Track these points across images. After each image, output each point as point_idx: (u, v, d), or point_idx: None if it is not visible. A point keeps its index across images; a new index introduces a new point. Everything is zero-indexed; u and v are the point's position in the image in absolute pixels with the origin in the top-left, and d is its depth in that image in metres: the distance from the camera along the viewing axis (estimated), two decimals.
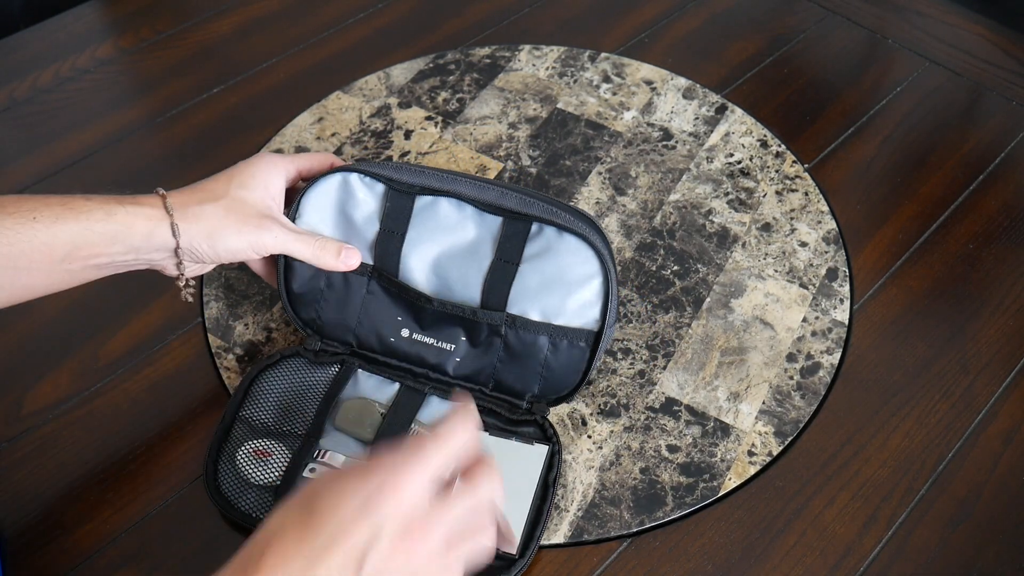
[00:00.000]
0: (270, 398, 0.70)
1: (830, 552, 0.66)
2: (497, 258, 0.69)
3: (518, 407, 0.71)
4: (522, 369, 0.70)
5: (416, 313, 0.71)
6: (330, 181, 0.70)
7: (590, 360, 0.69)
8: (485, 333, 0.70)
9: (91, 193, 0.64)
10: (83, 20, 1.06)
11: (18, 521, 0.67)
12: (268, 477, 0.66)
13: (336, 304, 0.71)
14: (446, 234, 0.70)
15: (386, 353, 0.72)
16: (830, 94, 0.98)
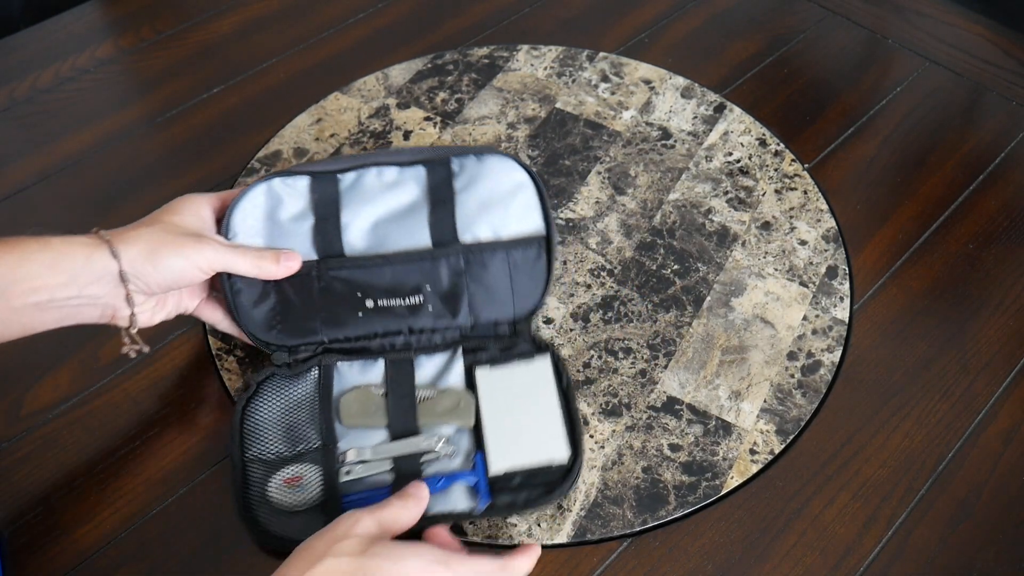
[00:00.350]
0: (268, 428, 0.69)
1: (830, 552, 0.66)
2: (432, 202, 0.72)
3: (503, 336, 0.72)
4: (493, 295, 0.72)
5: (375, 280, 0.71)
6: (254, 192, 0.70)
7: (548, 262, 0.72)
8: (447, 272, 0.71)
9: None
10: (83, 20, 1.06)
11: (18, 521, 0.67)
12: (309, 498, 0.65)
13: (294, 311, 0.70)
14: (378, 200, 0.71)
15: (360, 335, 0.71)
16: (830, 94, 0.98)
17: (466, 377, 0.71)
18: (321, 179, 0.71)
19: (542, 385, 0.70)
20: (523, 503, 0.65)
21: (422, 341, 0.72)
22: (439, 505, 0.65)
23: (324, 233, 0.71)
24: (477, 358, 0.72)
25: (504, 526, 0.66)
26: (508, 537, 0.66)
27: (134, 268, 0.63)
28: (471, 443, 0.68)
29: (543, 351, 0.72)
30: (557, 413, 0.69)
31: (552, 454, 0.67)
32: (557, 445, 0.67)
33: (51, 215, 0.87)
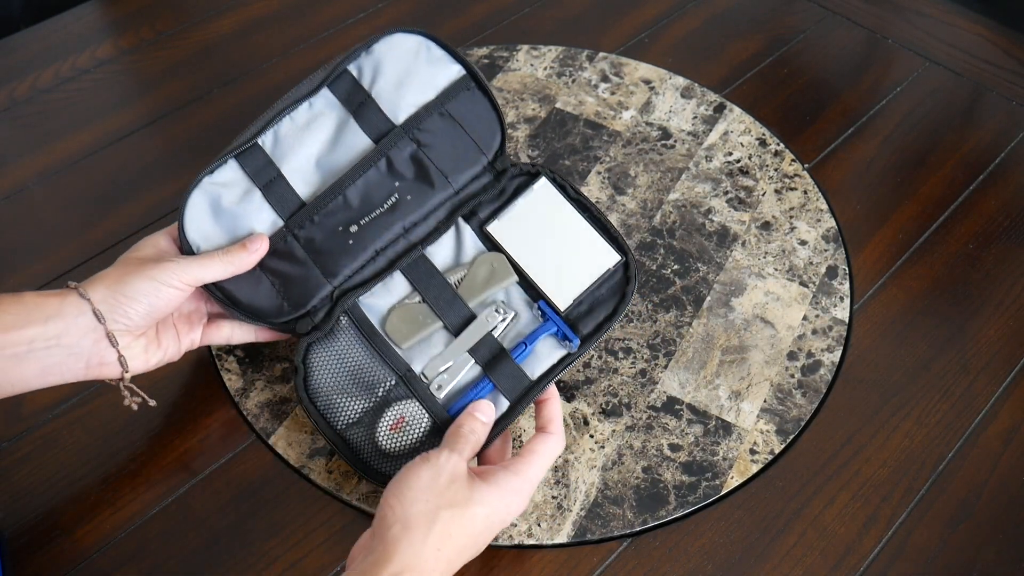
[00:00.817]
0: (339, 394, 0.68)
1: (830, 552, 0.66)
2: (353, 112, 0.72)
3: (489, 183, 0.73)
4: (456, 152, 0.72)
5: (346, 207, 0.70)
6: (191, 201, 0.69)
7: (487, 94, 0.73)
8: (402, 159, 0.71)
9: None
10: (83, 20, 1.06)
11: (18, 521, 0.67)
12: (422, 430, 0.66)
13: (291, 280, 0.69)
14: (306, 141, 0.71)
15: (363, 263, 0.70)
16: (830, 94, 0.98)
17: (483, 240, 0.72)
18: (244, 155, 0.70)
19: (555, 206, 0.71)
20: (606, 317, 0.68)
21: (421, 232, 0.72)
22: (539, 366, 0.67)
23: (276, 195, 0.70)
24: (481, 218, 0.73)
25: None
26: (508, 537, 0.66)
27: (106, 303, 0.62)
28: (526, 295, 0.70)
29: (535, 176, 0.73)
30: (584, 225, 0.71)
31: (604, 263, 0.69)
32: (603, 252, 0.69)
33: (51, 215, 0.87)
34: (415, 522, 0.55)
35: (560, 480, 0.69)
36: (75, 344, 0.61)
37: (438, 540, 0.55)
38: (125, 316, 0.63)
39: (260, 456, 0.70)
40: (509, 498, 0.59)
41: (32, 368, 0.60)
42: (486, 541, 0.59)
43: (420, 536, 0.55)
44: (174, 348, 0.68)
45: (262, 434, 0.71)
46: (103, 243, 0.84)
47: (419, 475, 0.57)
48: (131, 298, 0.62)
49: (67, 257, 0.83)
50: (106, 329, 0.62)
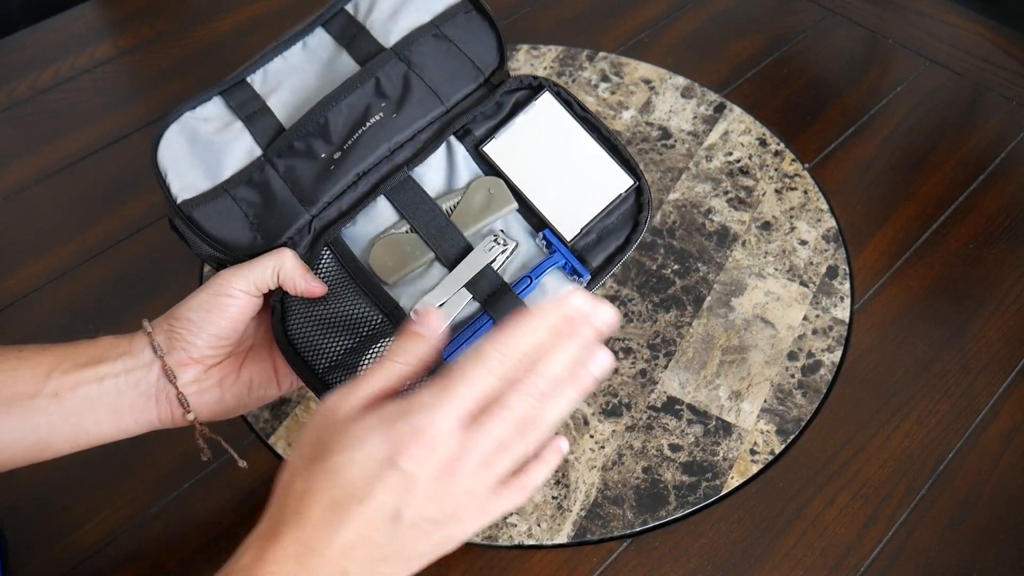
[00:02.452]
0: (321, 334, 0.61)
1: (830, 552, 0.66)
2: (347, 46, 0.67)
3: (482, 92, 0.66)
4: (449, 67, 0.66)
5: (328, 130, 0.63)
6: (168, 133, 0.63)
7: (485, 14, 0.67)
8: (392, 77, 0.65)
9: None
10: (83, 20, 1.06)
11: (18, 521, 0.67)
12: None
13: (267, 209, 0.62)
14: (296, 77, 0.66)
15: (345, 188, 0.63)
16: (830, 94, 0.98)
17: (478, 162, 0.65)
18: (231, 91, 0.66)
19: (560, 124, 0.63)
20: (617, 248, 0.62)
21: (407, 153, 0.64)
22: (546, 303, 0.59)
23: (257, 124, 0.64)
24: (476, 137, 0.65)
25: (504, 526, 0.66)
26: (508, 537, 0.66)
27: (163, 332, 0.58)
28: (528, 224, 0.64)
29: (537, 90, 0.66)
30: (593, 145, 0.63)
31: (615, 188, 0.62)
32: (614, 176, 0.62)
33: (51, 215, 0.87)
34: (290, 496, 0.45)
35: (560, 480, 0.69)
36: (142, 380, 0.58)
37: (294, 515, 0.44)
38: (183, 341, 0.58)
39: (260, 456, 0.70)
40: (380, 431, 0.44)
41: (104, 411, 0.57)
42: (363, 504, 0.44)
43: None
44: (263, 388, 0.61)
45: (262, 434, 0.71)
46: (103, 243, 0.84)
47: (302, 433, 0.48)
48: (184, 318, 0.58)
49: (67, 257, 0.83)
50: (164, 363, 0.58)
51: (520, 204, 0.63)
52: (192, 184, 0.63)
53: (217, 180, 0.63)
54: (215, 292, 0.58)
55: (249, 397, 0.61)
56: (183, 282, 0.81)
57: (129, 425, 0.58)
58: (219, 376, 0.60)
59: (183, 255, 0.78)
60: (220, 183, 0.63)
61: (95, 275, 0.82)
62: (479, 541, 0.66)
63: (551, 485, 0.68)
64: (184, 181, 0.63)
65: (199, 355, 0.58)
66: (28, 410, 0.55)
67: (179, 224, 0.62)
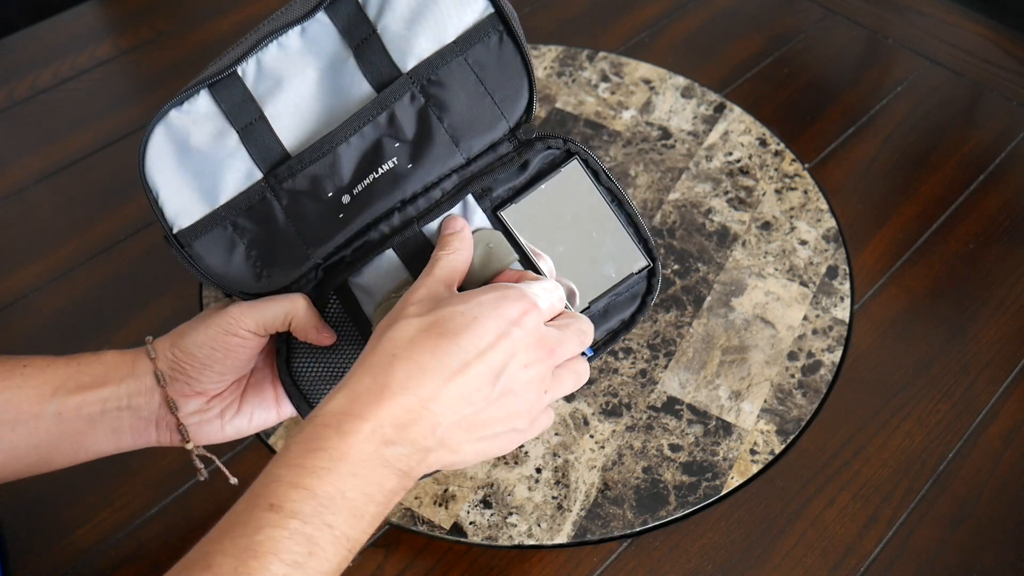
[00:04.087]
0: (325, 379, 0.61)
1: (830, 552, 0.66)
2: (354, 46, 0.59)
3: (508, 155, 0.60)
4: (472, 113, 0.59)
5: (337, 168, 0.59)
6: (154, 138, 0.59)
7: (517, 44, 0.59)
8: (406, 114, 0.59)
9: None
10: (83, 20, 1.06)
11: (18, 521, 0.67)
12: None
13: (271, 247, 0.59)
14: (294, 75, 0.59)
15: (353, 235, 0.60)
16: (830, 94, 0.98)
17: (495, 225, 0.61)
18: (220, 86, 0.59)
19: (584, 194, 0.61)
20: (622, 324, 0.61)
21: (421, 206, 0.60)
22: None
23: (255, 141, 0.59)
24: (495, 198, 0.61)
25: (504, 526, 0.66)
26: (508, 537, 0.66)
27: (166, 361, 0.58)
28: None
29: (567, 156, 0.61)
30: (612, 219, 0.61)
31: (628, 266, 0.61)
32: (630, 254, 0.61)
33: (51, 215, 0.87)
34: (401, 348, 0.49)
35: (560, 480, 0.69)
36: (144, 406, 0.58)
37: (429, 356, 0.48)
38: (186, 375, 0.57)
39: (260, 456, 0.70)
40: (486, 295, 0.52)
41: (104, 431, 0.57)
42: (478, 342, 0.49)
43: (418, 360, 0.48)
44: (263, 416, 0.61)
45: (262, 434, 0.71)
46: (103, 243, 0.84)
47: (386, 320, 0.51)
48: (189, 353, 0.57)
49: (67, 257, 0.83)
50: (165, 393, 0.58)
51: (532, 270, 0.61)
52: (186, 208, 0.59)
53: (215, 203, 0.59)
54: (223, 330, 0.57)
55: (249, 426, 0.61)
56: (183, 282, 0.81)
57: (127, 444, 0.59)
58: (220, 407, 0.60)
59: None
60: (217, 208, 0.59)
61: (95, 275, 0.82)
62: (479, 541, 0.66)
63: (551, 485, 0.68)
64: (177, 203, 0.59)
65: (201, 388, 0.58)
66: (31, 428, 0.56)
67: (178, 256, 0.59)
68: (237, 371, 0.59)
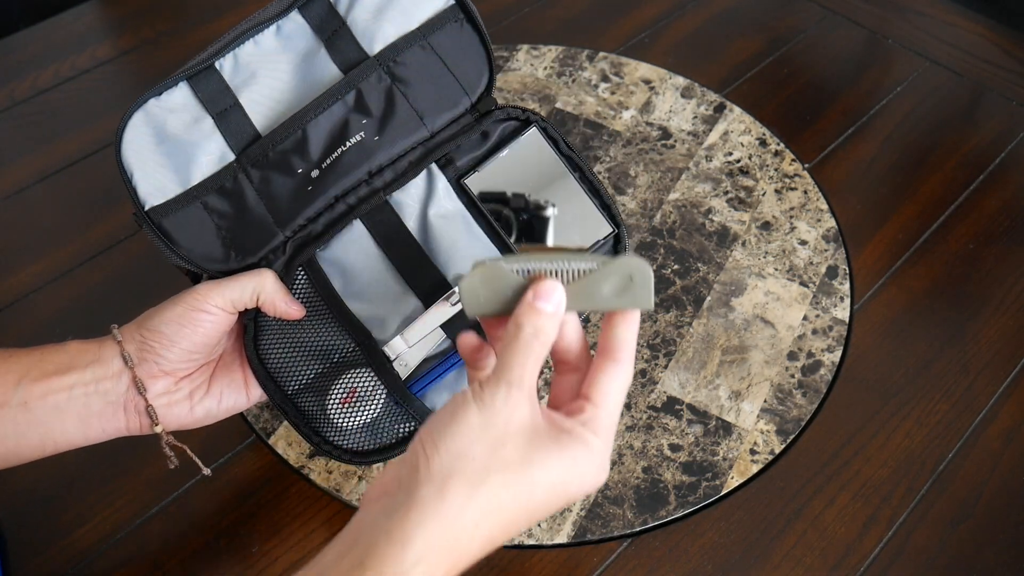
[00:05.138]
0: (292, 355, 0.62)
1: (830, 552, 0.66)
2: (325, 41, 0.63)
3: (469, 125, 0.64)
4: (435, 90, 0.63)
5: (306, 144, 0.62)
6: (133, 123, 0.61)
7: (477, 28, 0.64)
8: (373, 93, 0.62)
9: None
10: (83, 20, 1.06)
11: (18, 521, 0.67)
12: (377, 404, 0.60)
13: (240, 224, 0.61)
14: (270, 68, 0.63)
15: (321, 209, 0.62)
16: (830, 94, 0.98)
17: (458, 193, 0.64)
18: (198, 78, 0.62)
19: (544, 162, 0.62)
20: None
21: (387, 178, 0.63)
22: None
23: (229, 125, 0.62)
24: (458, 167, 0.64)
25: None
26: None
27: (134, 341, 0.57)
28: None
29: (525, 124, 0.64)
30: (575, 186, 0.62)
31: (593, 234, 0.61)
32: (594, 221, 0.61)
33: (51, 215, 0.87)
34: (454, 485, 0.43)
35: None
36: (111, 390, 0.57)
37: (480, 512, 0.43)
38: (154, 354, 0.57)
39: (260, 456, 0.70)
40: (583, 466, 0.45)
41: (72, 420, 0.56)
42: (543, 516, 0.46)
43: (458, 504, 0.42)
44: (232, 398, 0.61)
45: (262, 434, 0.71)
46: (103, 243, 0.84)
47: (466, 419, 0.44)
48: (157, 331, 0.57)
49: (67, 257, 0.83)
50: (133, 374, 0.57)
51: (497, 242, 0.63)
52: (160, 186, 0.61)
53: (187, 184, 0.61)
54: (191, 306, 0.57)
55: (219, 408, 0.61)
56: (183, 283, 0.80)
57: (96, 433, 0.58)
58: (189, 388, 0.59)
59: None
60: (190, 188, 0.61)
61: (95, 275, 0.82)
62: None
63: None
64: (151, 183, 0.61)
65: (170, 368, 0.58)
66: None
67: (147, 232, 0.61)
68: (206, 350, 0.59)
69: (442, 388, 0.63)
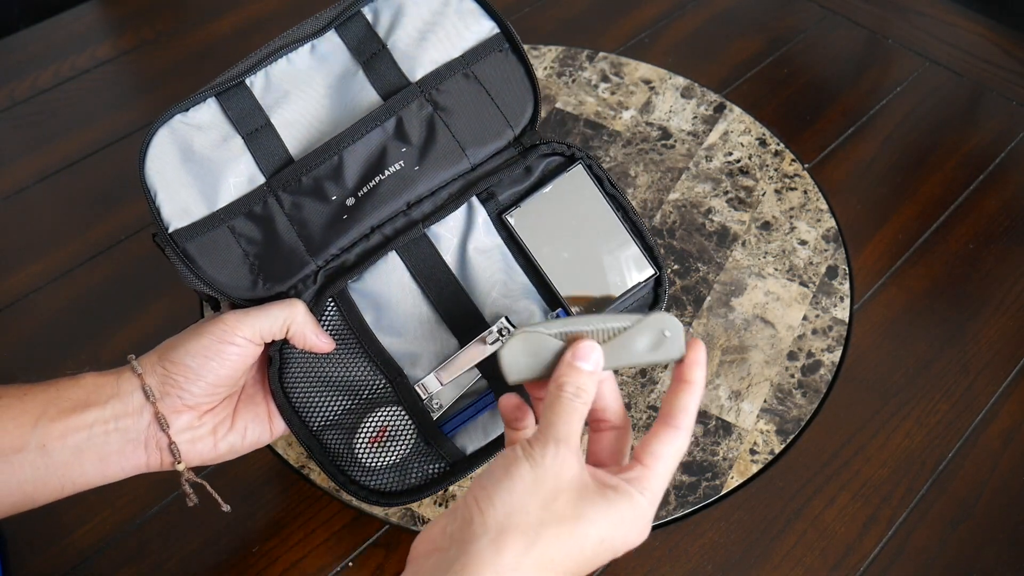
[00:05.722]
0: (319, 391, 0.59)
1: (830, 552, 0.66)
2: (363, 63, 0.61)
3: (511, 152, 0.62)
4: (478, 121, 0.61)
5: (342, 170, 0.59)
6: (157, 140, 0.58)
7: (522, 59, 0.62)
8: (414, 121, 0.60)
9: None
10: (83, 20, 1.06)
11: (18, 521, 0.66)
12: (407, 444, 0.59)
13: (270, 252, 0.59)
14: (304, 88, 0.61)
15: (353, 237, 0.60)
16: (830, 94, 0.98)
17: (498, 228, 0.62)
18: (228, 94, 0.60)
19: (588, 200, 0.61)
20: None
21: (425, 209, 0.60)
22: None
23: (260, 146, 0.59)
24: (500, 202, 0.62)
25: None
26: None
27: (155, 374, 0.55)
28: (543, 301, 0.61)
29: (571, 160, 0.62)
30: (618, 226, 0.61)
31: (635, 276, 0.60)
32: (636, 263, 0.60)
33: (51, 215, 0.87)
34: (510, 539, 0.43)
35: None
36: (132, 427, 0.54)
37: (534, 566, 0.43)
38: (178, 387, 0.54)
39: (260, 456, 0.70)
40: (629, 523, 0.46)
41: (91, 460, 0.53)
42: (586, 572, 0.46)
43: (513, 557, 0.43)
44: (256, 432, 0.59)
45: None
46: (103, 243, 0.84)
47: (520, 475, 0.45)
48: (181, 364, 0.54)
49: (67, 257, 0.83)
50: (155, 409, 0.54)
51: (535, 279, 0.61)
52: (185, 208, 0.58)
53: (213, 206, 0.58)
54: (218, 339, 0.55)
55: (243, 444, 0.59)
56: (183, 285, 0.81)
57: (115, 471, 0.55)
58: (213, 423, 0.57)
59: None
60: (217, 210, 0.58)
61: (95, 275, 0.82)
62: None
63: None
64: (176, 204, 0.58)
65: (194, 402, 0.55)
66: (14, 466, 0.52)
67: (170, 255, 0.58)
68: (230, 383, 0.57)
69: (474, 429, 0.60)
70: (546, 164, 0.62)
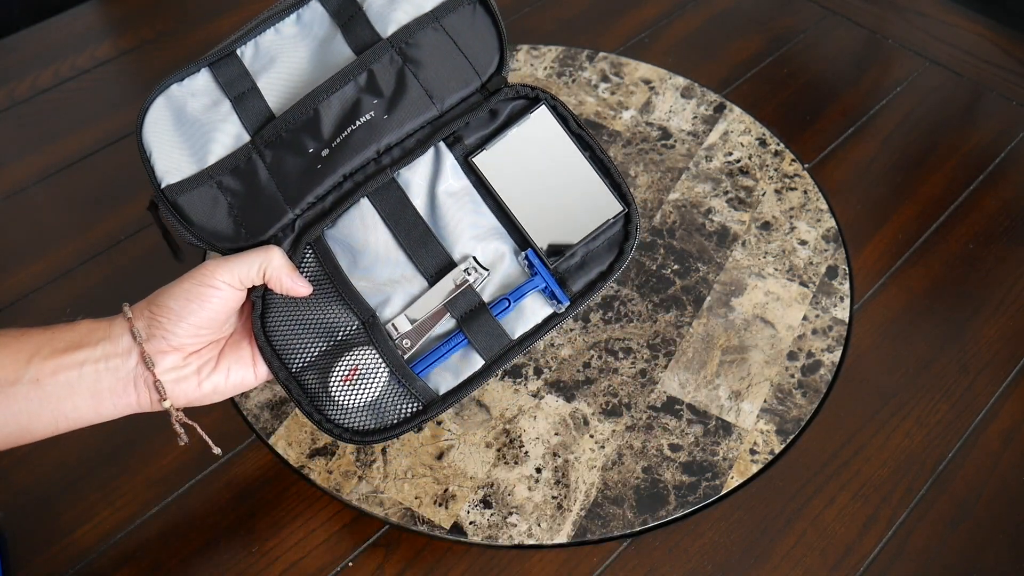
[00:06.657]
0: (297, 333, 0.62)
1: (830, 552, 0.66)
2: (341, 25, 0.65)
3: (478, 104, 0.64)
4: (447, 70, 0.64)
5: (319, 124, 0.63)
6: (155, 106, 0.63)
7: (489, 11, 0.64)
8: (385, 73, 0.63)
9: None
10: (83, 20, 1.06)
11: (18, 521, 0.67)
12: (379, 382, 0.61)
13: (251, 202, 0.63)
14: (288, 54, 0.65)
15: (330, 187, 0.63)
16: (830, 94, 0.98)
17: (466, 171, 0.64)
18: (220, 64, 0.64)
19: (554, 140, 0.62)
20: (600, 275, 0.62)
21: (395, 156, 0.63)
22: (521, 326, 0.61)
23: (246, 107, 0.64)
24: (467, 146, 0.64)
25: (504, 526, 0.66)
26: (508, 537, 0.66)
27: (143, 317, 0.58)
28: (510, 244, 0.63)
29: (534, 102, 0.64)
30: (584, 165, 0.62)
31: (603, 212, 0.61)
32: (604, 200, 0.61)
33: (51, 215, 0.87)
34: None
35: (560, 480, 0.69)
36: (121, 366, 0.57)
37: None
38: (163, 329, 0.58)
39: (260, 456, 0.70)
40: None
41: (83, 396, 0.57)
42: None
43: None
44: (239, 374, 0.61)
45: (262, 434, 0.71)
46: (103, 243, 0.84)
47: None
48: (165, 306, 0.58)
49: (67, 257, 0.83)
50: (142, 349, 0.57)
51: (505, 220, 0.63)
52: (176, 166, 0.62)
53: (203, 164, 0.63)
54: (199, 282, 0.58)
55: (226, 385, 0.61)
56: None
57: (108, 409, 0.58)
58: (198, 364, 0.60)
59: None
60: (206, 168, 0.62)
61: (95, 275, 0.82)
62: (479, 540, 0.66)
63: (551, 485, 0.68)
64: (168, 162, 0.62)
65: (178, 343, 0.58)
66: (9, 397, 0.56)
67: (162, 210, 0.62)
68: (214, 326, 0.59)
69: (446, 368, 0.62)
70: (512, 107, 0.65)
